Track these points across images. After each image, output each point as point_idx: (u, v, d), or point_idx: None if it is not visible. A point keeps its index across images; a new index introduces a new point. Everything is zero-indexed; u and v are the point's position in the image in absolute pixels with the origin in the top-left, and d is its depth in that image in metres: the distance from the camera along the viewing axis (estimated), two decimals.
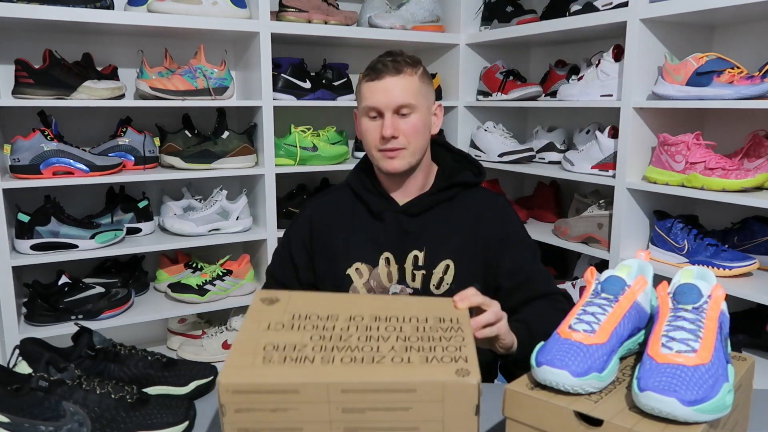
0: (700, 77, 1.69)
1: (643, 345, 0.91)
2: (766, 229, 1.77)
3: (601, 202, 2.10)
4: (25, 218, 1.89)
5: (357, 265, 1.32)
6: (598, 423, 0.77)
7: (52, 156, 1.89)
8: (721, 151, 1.78)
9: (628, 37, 1.84)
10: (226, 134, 2.16)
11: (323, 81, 2.32)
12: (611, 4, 1.92)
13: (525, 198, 2.65)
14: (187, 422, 0.98)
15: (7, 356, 1.82)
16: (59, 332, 1.90)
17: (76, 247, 1.96)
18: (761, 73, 1.59)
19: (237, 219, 2.22)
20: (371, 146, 1.30)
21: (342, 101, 2.34)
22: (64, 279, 1.98)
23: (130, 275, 2.20)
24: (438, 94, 2.50)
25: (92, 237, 1.98)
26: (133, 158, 2.08)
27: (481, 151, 2.45)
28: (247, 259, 2.27)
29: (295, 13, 2.19)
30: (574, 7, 2.04)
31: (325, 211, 1.38)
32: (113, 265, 2.23)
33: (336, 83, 2.34)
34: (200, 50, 2.09)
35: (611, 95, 1.98)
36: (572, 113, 2.47)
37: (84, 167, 1.93)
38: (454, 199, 1.34)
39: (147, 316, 2.07)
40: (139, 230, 2.15)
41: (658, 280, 0.95)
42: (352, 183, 1.38)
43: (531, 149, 2.37)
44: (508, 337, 1.09)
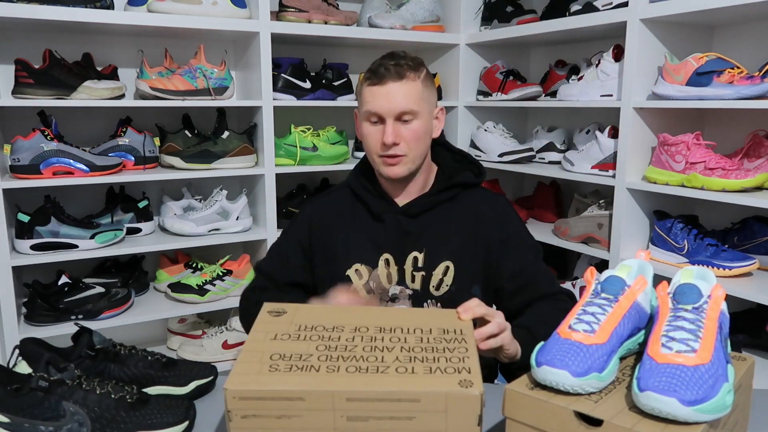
0: (700, 77, 1.68)
1: (643, 345, 0.91)
2: (766, 229, 1.77)
3: (601, 202, 2.10)
4: (25, 218, 1.89)
5: (357, 266, 1.32)
6: (598, 423, 0.77)
7: (52, 156, 1.89)
8: (721, 151, 1.77)
9: (628, 37, 1.84)
10: (226, 134, 2.16)
11: (323, 81, 2.32)
12: (611, 4, 1.92)
13: (525, 198, 2.65)
14: (187, 422, 0.98)
15: (7, 356, 1.82)
16: (59, 332, 1.90)
17: (76, 247, 1.96)
18: (761, 73, 1.59)
19: (237, 219, 2.22)
20: (372, 150, 1.29)
21: (342, 101, 2.34)
22: (64, 279, 1.98)
23: (130, 275, 2.20)
24: (438, 94, 2.49)
25: (92, 237, 1.98)
26: (133, 158, 2.08)
27: (481, 151, 2.45)
28: (247, 259, 2.27)
29: (295, 13, 2.19)
30: (574, 7, 2.04)
31: (325, 212, 1.38)
32: (113, 265, 2.23)
33: (336, 83, 2.34)
34: (200, 50, 2.09)
35: (611, 95, 1.98)
36: (572, 113, 2.47)
37: (84, 167, 1.93)
38: (454, 200, 1.34)
39: (147, 316, 2.06)
40: (139, 230, 2.15)
41: (658, 280, 0.95)
42: (352, 184, 1.38)
43: (531, 149, 2.37)
44: (512, 347, 1.09)
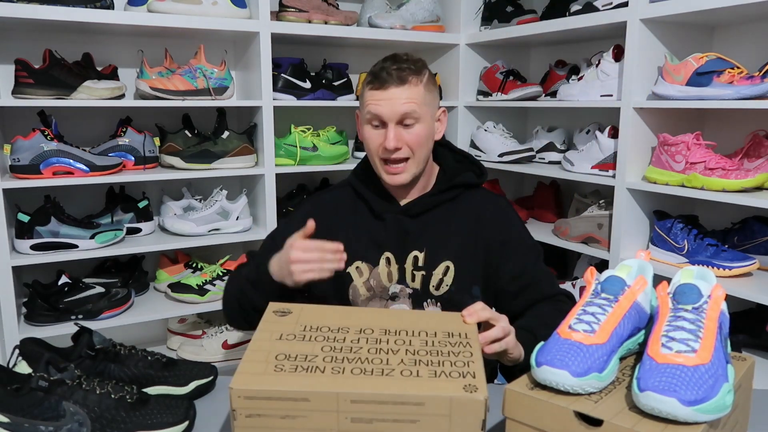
0: (700, 77, 1.68)
1: (643, 345, 0.91)
2: (766, 229, 1.77)
3: (601, 202, 2.10)
4: (25, 218, 1.89)
5: (357, 263, 1.32)
6: (598, 423, 0.77)
7: (52, 156, 1.89)
8: (721, 151, 1.77)
9: (628, 37, 1.84)
10: (226, 134, 2.16)
11: (323, 81, 2.32)
12: (611, 4, 1.92)
13: (525, 198, 2.65)
14: (186, 422, 0.98)
15: (7, 356, 1.82)
16: (59, 332, 1.90)
17: (76, 247, 1.96)
18: (761, 73, 1.59)
19: (237, 219, 2.22)
20: (373, 153, 1.29)
21: (342, 101, 2.34)
22: (64, 279, 1.98)
23: (130, 275, 2.20)
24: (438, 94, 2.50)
25: (92, 237, 1.97)
26: (133, 158, 2.08)
27: (481, 151, 2.45)
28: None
29: (295, 13, 2.19)
30: (574, 7, 2.04)
31: (326, 209, 1.38)
32: (113, 265, 2.23)
33: (336, 83, 2.34)
34: (200, 50, 2.09)
35: (611, 95, 1.98)
36: (572, 113, 2.47)
37: (84, 167, 1.93)
38: (456, 200, 1.34)
39: (147, 316, 2.06)
40: (139, 230, 2.15)
41: (658, 280, 0.95)
42: (354, 182, 1.38)
43: (531, 149, 2.37)
44: (516, 351, 1.09)
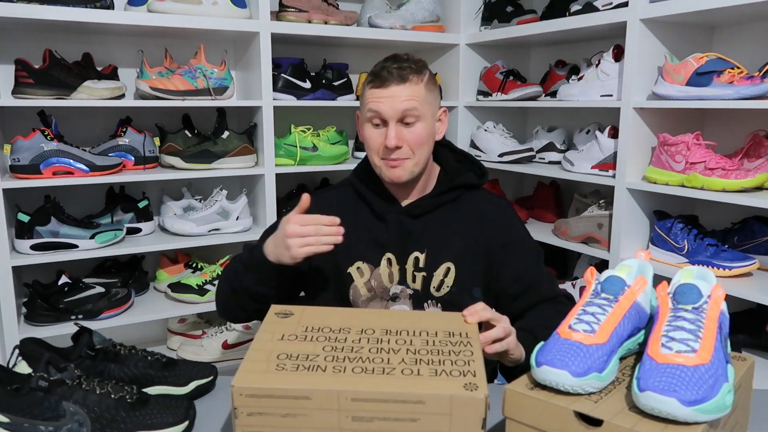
0: (700, 77, 1.68)
1: (643, 345, 0.91)
2: (766, 229, 1.77)
3: (601, 202, 2.10)
4: (25, 218, 1.89)
5: (358, 263, 1.32)
6: (598, 423, 0.77)
7: (52, 156, 1.89)
8: (721, 151, 1.77)
9: (628, 37, 1.84)
10: (226, 134, 2.16)
11: (323, 81, 2.32)
12: (611, 4, 1.92)
13: (525, 198, 2.65)
14: (186, 422, 0.98)
15: (7, 356, 1.82)
16: (59, 332, 1.90)
17: (76, 247, 1.96)
18: (761, 73, 1.59)
19: (237, 219, 2.22)
20: (374, 153, 1.29)
21: (342, 101, 2.34)
22: (64, 279, 1.98)
23: (130, 275, 2.20)
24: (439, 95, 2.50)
25: (92, 237, 1.97)
26: (133, 158, 2.08)
27: (481, 151, 2.45)
28: None
29: (295, 13, 2.19)
30: (574, 7, 2.04)
31: (327, 207, 1.38)
32: (113, 265, 2.23)
33: (336, 83, 2.34)
34: (200, 50, 2.09)
35: (611, 95, 1.98)
36: (572, 113, 2.47)
37: (84, 167, 1.93)
38: (456, 201, 1.34)
39: (147, 316, 2.06)
40: (139, 230, 2.15)
41: (658, 280, 0.95)
42: (355, 182, 1.38)
43: (531, 149, 2.37)
44: (517, 351, 1.09)
